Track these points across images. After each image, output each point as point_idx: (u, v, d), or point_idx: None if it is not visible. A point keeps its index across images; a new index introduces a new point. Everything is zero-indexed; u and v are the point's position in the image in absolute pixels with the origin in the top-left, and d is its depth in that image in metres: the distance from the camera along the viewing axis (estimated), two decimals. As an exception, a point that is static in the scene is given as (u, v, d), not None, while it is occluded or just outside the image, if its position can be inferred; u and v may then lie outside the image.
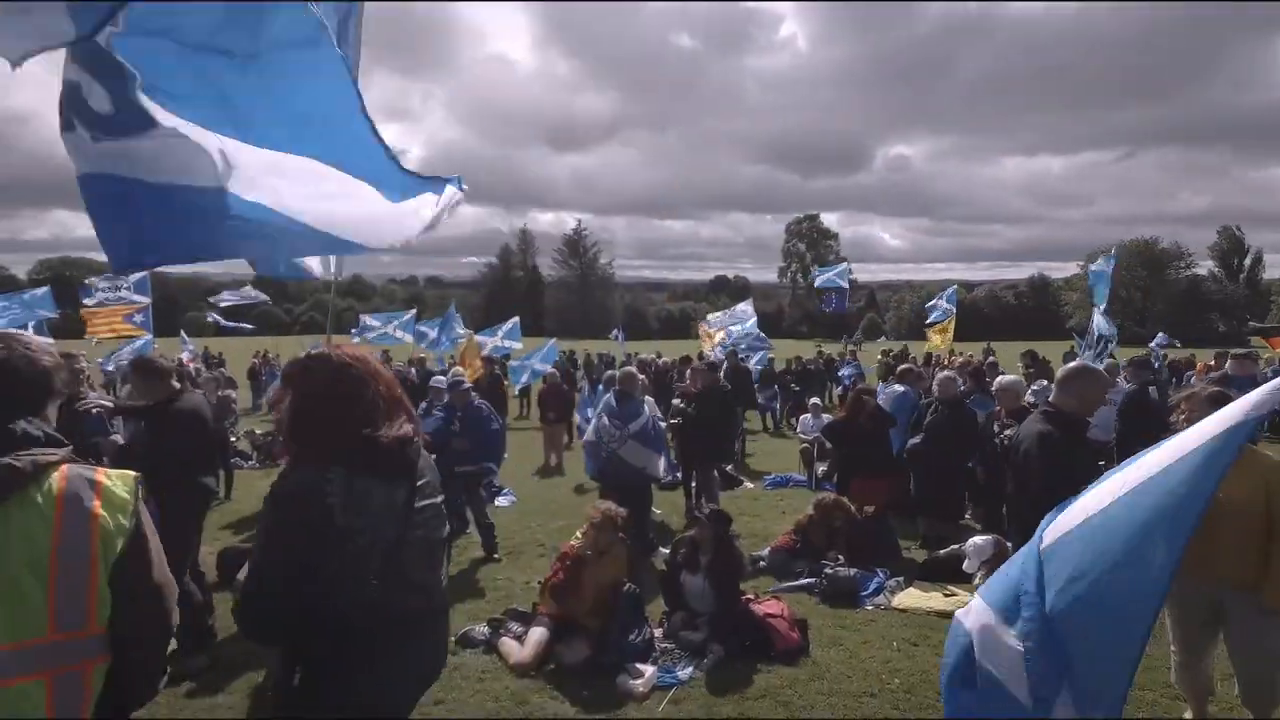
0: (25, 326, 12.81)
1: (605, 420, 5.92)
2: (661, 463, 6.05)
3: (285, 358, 20.11)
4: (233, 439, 10.48)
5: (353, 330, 18.71)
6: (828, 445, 7.87)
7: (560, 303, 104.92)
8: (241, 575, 3.24)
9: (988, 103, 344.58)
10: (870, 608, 4.89)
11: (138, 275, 12.49)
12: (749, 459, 11.04)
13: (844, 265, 18.48)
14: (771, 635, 4.13)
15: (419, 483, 1.95)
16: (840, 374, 17.78)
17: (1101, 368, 7.09)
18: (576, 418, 11.85)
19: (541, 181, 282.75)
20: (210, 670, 3.95)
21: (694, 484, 7.41)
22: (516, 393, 17.93)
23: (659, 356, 19.51)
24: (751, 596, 4.60)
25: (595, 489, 6.80)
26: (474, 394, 6.58)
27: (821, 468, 8.62)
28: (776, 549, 5.82)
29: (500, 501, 7.89)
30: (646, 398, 6.96)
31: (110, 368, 14.55)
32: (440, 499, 2.05)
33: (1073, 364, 3.78)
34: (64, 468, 1.55)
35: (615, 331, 24.70)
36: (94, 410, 4.29)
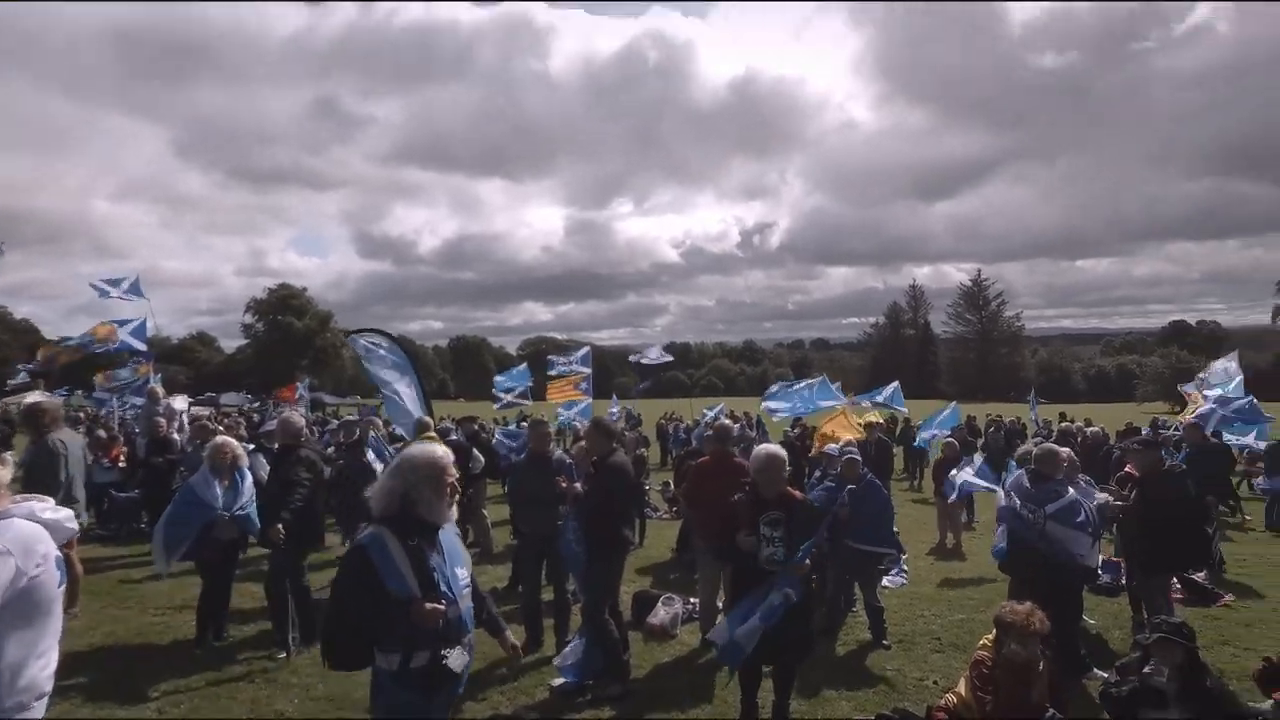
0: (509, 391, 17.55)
1: (1016, 500, 5.11)
2: (1092, 546, 4.91)
3: (688, 418, 22.58)
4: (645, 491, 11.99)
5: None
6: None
7: (957, 362, 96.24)
8: (652, 617, 6.00)
9: None
10: None
11: (583, 350, 15.65)
12: (1242, 567, 8.36)
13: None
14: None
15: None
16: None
17: None
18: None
19: (913, 234, 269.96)
20: (625, 699, 4.54)
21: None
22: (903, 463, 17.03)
23: (1088, 424, 16.17)
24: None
25: (1001, 580, 5.93)
26: (866, 469, 6.44)
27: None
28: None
29: (887, 582, 7.32)
30: (1082, 477, 5.89)
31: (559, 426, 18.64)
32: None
33: None
34: None
35: (1031, 396, 21.67)
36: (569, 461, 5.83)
